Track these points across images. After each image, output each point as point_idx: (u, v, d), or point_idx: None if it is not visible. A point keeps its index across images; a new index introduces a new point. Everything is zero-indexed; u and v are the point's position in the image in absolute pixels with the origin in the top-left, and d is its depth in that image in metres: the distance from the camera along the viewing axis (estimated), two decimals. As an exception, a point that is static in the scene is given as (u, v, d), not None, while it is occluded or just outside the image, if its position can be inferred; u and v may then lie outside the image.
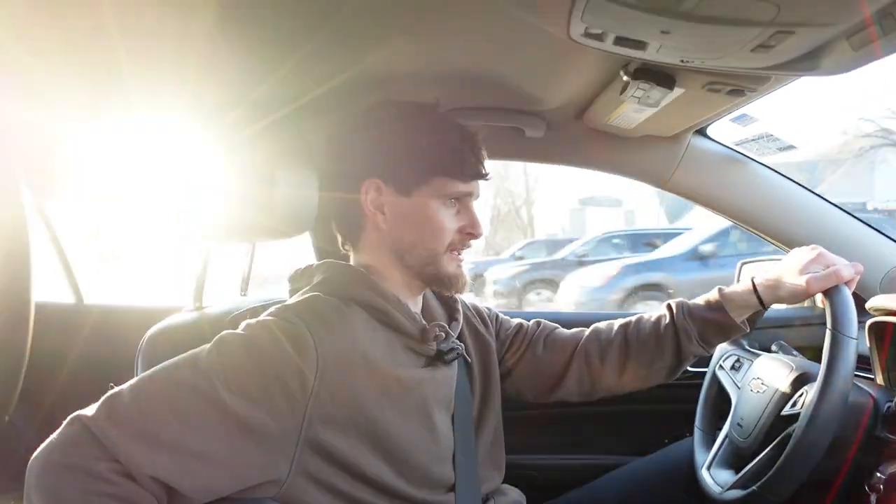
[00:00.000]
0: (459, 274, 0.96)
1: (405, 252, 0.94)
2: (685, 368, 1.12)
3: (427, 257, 0.94)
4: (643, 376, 1.11)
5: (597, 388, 1.13)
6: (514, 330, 1.16)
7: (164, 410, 0.74)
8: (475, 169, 0.95)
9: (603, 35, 0.77)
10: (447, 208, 0.94)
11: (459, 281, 0.96)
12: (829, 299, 0.95)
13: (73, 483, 0.69)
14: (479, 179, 0.96)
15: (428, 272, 0.95)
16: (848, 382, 0.90)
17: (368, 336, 0.86)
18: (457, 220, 0.95)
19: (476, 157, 0.95)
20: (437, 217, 0.93)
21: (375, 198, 0.93)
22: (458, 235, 0.95)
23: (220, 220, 1.06)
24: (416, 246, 0.94)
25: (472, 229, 0.96)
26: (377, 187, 0.93)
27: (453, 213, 0.95)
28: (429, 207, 0.93)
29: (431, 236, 0.93)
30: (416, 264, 0.94)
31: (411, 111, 0.96)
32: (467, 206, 0.97)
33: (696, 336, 1.06)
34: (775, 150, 1.39)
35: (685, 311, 1.08)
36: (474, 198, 0.98)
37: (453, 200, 0.95)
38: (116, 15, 0.86)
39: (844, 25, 0.70)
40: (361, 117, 0.97)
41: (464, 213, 0.96)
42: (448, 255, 0.95)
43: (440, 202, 0.93)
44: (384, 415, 0.85)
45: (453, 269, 0.96)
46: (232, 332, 0.82)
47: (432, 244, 0.93)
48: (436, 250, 0.94)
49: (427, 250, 0.94)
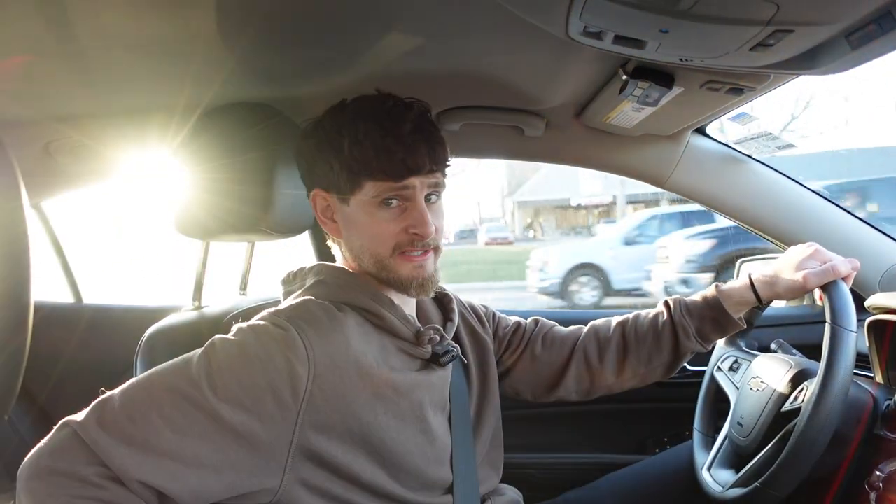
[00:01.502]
0: (414, 276, 0.90)
1: (359, 258, 0.91)
2: (683, 366, 1.12)
3: (376, 262, 0.90)
4: (641, 374, 1.11)
5: (596, 387, 1.13)
6: (511, 329, 1.15)
7: (153, 416, 0.73)
8: (405, 165, 0.85)
9: (601, 34, 0.77)
10: (385, 210, 0.87)
11: (413, 283, 0.90)
12: (828, 294, 0.96)
13: (62, 488, 0.69)
14: (413, 176, 0.86)
15: (383, 276, 0.90)
16: (849, 374, 0.90)
17: (361, 340, 0.85)
18: (401, 220, 0.88)
19: (406, 150, 0.85)
20: (373, 220, 0.88)
21: (325, 207, 0.92)
22: (405, 235, 0.88)
23: (220, 219, 1.06)
24: (364, 251, 0.90)
25: (416, 228, 0.88)
26: (323, 197, 0.92)
27: (395, 214, 0.88)
28: (365, 212, 0.88)
29: (372, 241, 0.89)
30: (372, 269, 0.91)
31: (344, 111, 0.90)
32: (415, 203, 0.88)
33: (693, 332, 1.06)
34: (774, 149, 1.39)
35: (682, 308, 1.08)
36: (424, 190, 0.89)
37: (394, 200, 0.87)
38: (115, 15, 0.86)
39: (843, 24, 0.70)
40: (308, 126, 0.94)
41: (410, 211, 0.88)
42: (397, 257, 0.89)
43: (375, 205, 0.87)
44: (377, 419, 0.84)
45: (407, 271, 0.89)
46: (223, 338, 0.81)
47: (375, 249, 0.89)
48: (381, 254, 0.89)
49: (374, 255, 0.89)
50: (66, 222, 2.02)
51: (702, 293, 1.09)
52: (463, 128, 1.34)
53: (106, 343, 1.81)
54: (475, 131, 1.37)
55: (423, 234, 0.88)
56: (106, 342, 1.81)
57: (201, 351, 0.80)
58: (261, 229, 1.05)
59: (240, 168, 1.03)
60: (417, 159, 0.86)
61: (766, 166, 1.43)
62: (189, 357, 0.79)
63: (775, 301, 1.13)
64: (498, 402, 1.09)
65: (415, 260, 0.89)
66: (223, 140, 1.07)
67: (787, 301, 1.67)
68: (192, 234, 1.12)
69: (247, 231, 1.07)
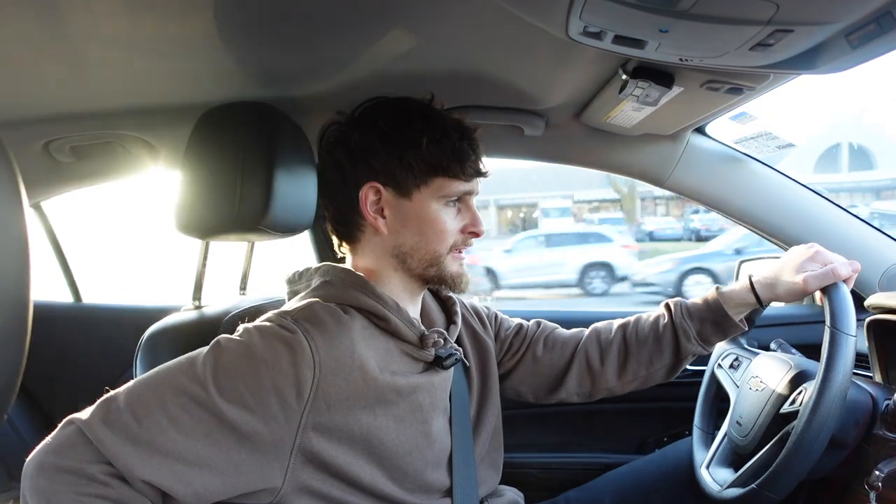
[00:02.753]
0: (463, 273, 0.95)
1: (407, 255, 0.92)
2: (684, 367, 1.12)
3: (430, 259, 0.92)
4: (643, 376, 1.11)
5: (597, 389, 1.13)
6: (513, 331, 1.15)
7: (158, 415, 0.73)
8: (475, 167, 0.93)
9: (601, 34, 0.76)
10: (448, 208, 0.93)
11: (463, 280, 0.95)
12: (828, 297, 0.95)
13: (67, 485, 0.69)
14: (479, 177, 0.94)
15: (431, 273, 0.93)
16: (847, 380, 0.90)
17: (366, 343, 0.85)
18: (459, 220, 0.94)
19: (475, 154, 0.93)
20: (439, 218, 0.92)
21: (375, 202, 0.92)
22: (460, 235, 0.94)
23: (219, 219, 1.06)
24: (418, 248, 0.92)
25: (475, 228, 0.95)
26: (376, 191, 0.91)
27: (454, 213, 0.93)
28: (430, 209, 0.91)
29: (435, 238, 0.92)
30: (419, 266, 0.93)
31: (407, 109, 0.93)
32: (468, 204, 0.95)
33: (694, 335, 1.06)
34: (774, 148, 1.39)
35: (683, 311, 1.08)
36: (474, 195, 0.96)
37: (454, 200, 0.93)
38: (115, 15, 0.86)
39: (843, 23, 0.69)
40: (356, 118, 0.94)
41: (465, 212, 0.95)
42: (451, 255, 0.93)
43: (441, 203, 0.92)
44: (378, 421, 0.84)
45: (456, 268, 0.94)
46: (228, 338, 0.81)
47: (436, 246, 0.92)
48: (439, 252, 0.92)
49: (430, 252, 0.92)
50: (66, 222, 2.02)
51: (702, 296, 1.09)
52: (463, 127, 1.34)
53: (105, 343, 1.81)
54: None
55: (480, 233, 0.95)
56: (105, 342, 1.81)
57: (207, 350, 0.80)
58: (260, 229, 1.05)
59: (239, 168, 1.03)
60: (481, 164, 0.95)
61: (767, 166, 1.43)
62: (194, 356, 0.79)
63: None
64: (498, 403, 1.09)
65: (461, 257, 0.96)
66: (223, 139, 1.07)
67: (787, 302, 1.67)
68: (192, 233, 1.11)
69: (246, 231, 1.06)
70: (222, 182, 1.04)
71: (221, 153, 1.06)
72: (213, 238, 1.20)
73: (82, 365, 1.75)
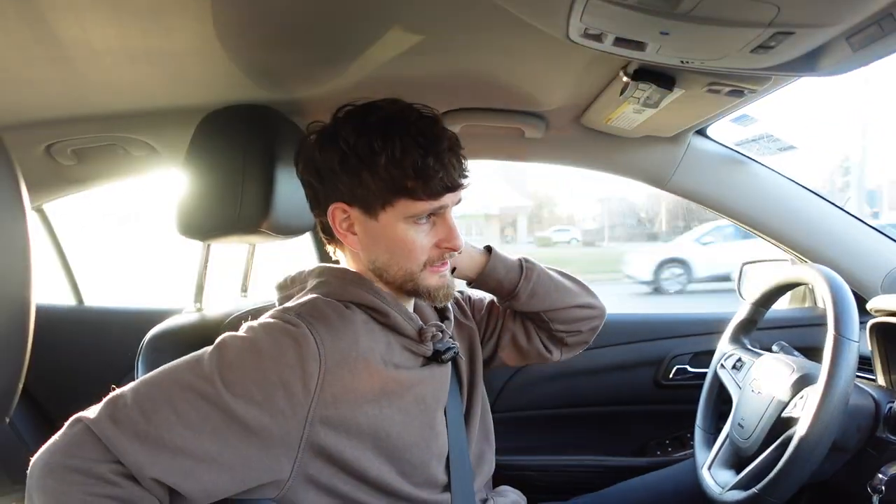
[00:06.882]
0: (441, 285, 0.91)
1: (382, 270, 0.90)
2: (683, 367, 1.11)
3: (404, 276, 0.89)
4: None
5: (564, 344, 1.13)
6: (486, 309, 1.16)
7: (166, 412, 0.73)
8: (443, 184, 0.85)
9: (602, 36, 0.76)
10: (418, 226, 0.87)
11: (441, 292, 0.92)
12: (831, 301, 0.95)
13: (75, 484, 0.69)
14: (449, 193, 0.87)
15: (408, 288, 0.90)
16: (848, 386, 0.90)
17: (369, 337, 0.86)
18: (432, 236, 0.89)
19: (444, 168, 0.85)
20: (408, 238, 0.87)
21: (344, 219, 0.89)
22: (435, 250, 0.89)
23: (220, 221, 1.06)
24: (390, 266, 0.89)
25: (449, 243, 0.89)
26: (343, 210, 0.88)
27: (427, 229, 0.88)
28: (398, 229, 0.87)
29: (405, 257, 0.88)
30: (395, 281, 0.91)
31: (367, 125, 0.85)
32: (444, 217, 0.89)
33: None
34: (775, 151, 1.39)
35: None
36: (452, 206, 0.90)
37: (425, 217, 0.87)
38: (117, 19, 0.86)
39: (844, 26, 0.69)
40: (322, 135, 0.89)
41: (440, 226, 0.89)
42: (426, 270, 0.90)
43: (408, 223, 0.87)
44: (384, 414, 0.84)
45: (434, 281, 0.91)
46: (234, 335, 0.81)
47: (406, 264, 0.89)
48: (411, 270, 0.89)
49: (402, 270, 0.89)
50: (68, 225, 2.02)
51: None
52: (463, 130, 1.34)
53: (107, 345, 1.81)
54: (476, 133, 1.37)
55: (455, 248, 0.90)
56: (107, 344, 1.81)
57: (212, 348, 0.80)
58: (262, 231, 1.05)
59: (240, 170, 1.03)
60: (453, 178, 0.86)
61: (768, 168, 1.43)
62: (199, 354, 0.80)
63: (778, 303, 1.13)
64: (484, 389, 1.09)
65: (441, 270, 0.91)
66: (223, 142, 1.07)
67: (788, 303, 1.67)
68: (194, 235, 1.12)
69: (248, 232, 1.07)
70: (224, 184, 1.04)
71: (222, 155, 1.06)
72: (214, 240, 1.20)
73: (84, 367, 1.75)
